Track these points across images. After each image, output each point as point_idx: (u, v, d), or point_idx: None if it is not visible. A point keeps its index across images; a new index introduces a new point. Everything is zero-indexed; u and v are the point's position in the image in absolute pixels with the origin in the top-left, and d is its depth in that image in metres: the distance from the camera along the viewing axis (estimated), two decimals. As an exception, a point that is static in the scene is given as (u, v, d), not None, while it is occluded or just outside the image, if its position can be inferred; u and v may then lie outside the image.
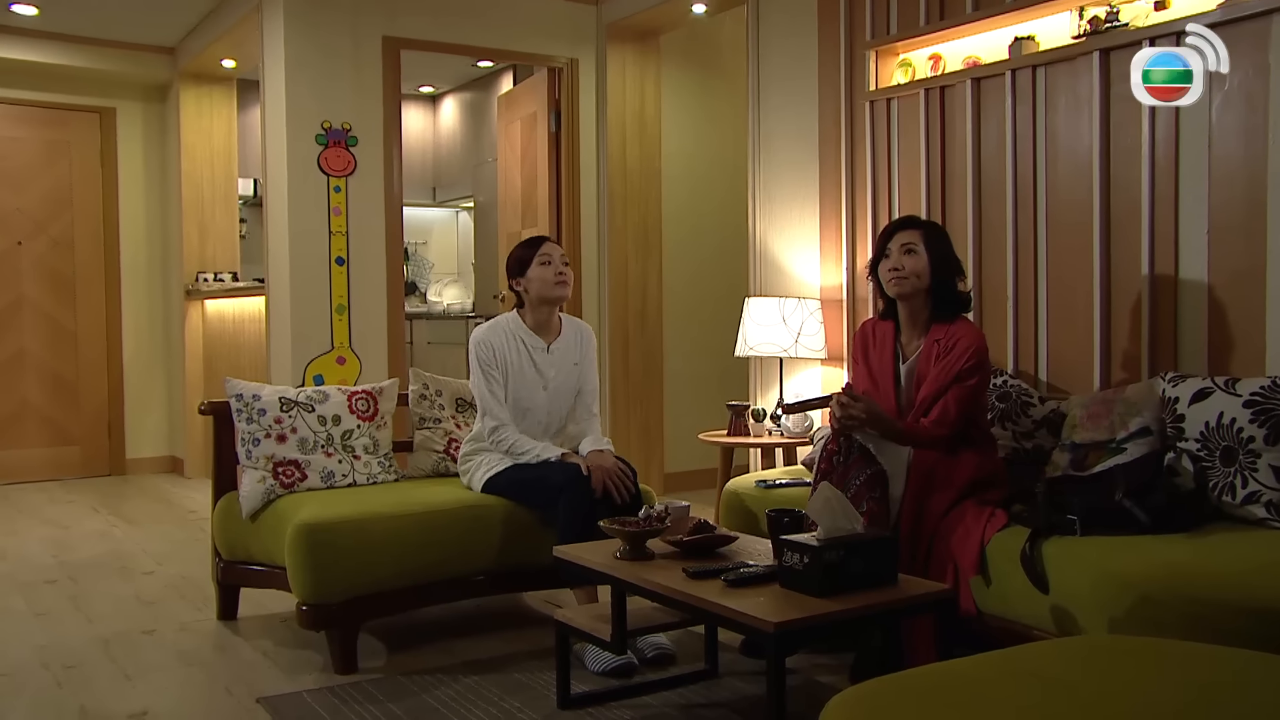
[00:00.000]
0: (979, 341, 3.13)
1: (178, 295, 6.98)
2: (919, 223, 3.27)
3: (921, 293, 3.19)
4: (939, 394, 3.09)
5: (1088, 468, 3.07)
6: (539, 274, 3.65)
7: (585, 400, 3.75)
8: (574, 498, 3.32)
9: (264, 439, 3.59)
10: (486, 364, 3.60)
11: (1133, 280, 3.47)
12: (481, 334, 3.66)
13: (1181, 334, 3.34)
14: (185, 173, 6.84)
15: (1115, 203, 3.51)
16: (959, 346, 3.11)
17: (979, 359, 3.10)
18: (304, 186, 5.31)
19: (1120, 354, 3.51)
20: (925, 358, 3.17)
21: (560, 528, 3.32)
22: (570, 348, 3.74)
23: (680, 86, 6.28)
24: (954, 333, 3.15)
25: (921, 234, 3.21)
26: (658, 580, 2.63)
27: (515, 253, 3.71)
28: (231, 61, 6.64)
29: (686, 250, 6.25)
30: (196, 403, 3.96)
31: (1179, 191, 3.34)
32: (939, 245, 3.20)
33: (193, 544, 4.99)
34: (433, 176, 9.27)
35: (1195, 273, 3.31)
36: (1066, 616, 2.65)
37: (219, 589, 3.78)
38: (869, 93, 4.34)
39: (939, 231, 3.27)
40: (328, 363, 5.38)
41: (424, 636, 3.58)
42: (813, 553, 2.42)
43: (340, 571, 3.20)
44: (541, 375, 3.67)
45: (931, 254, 3.18)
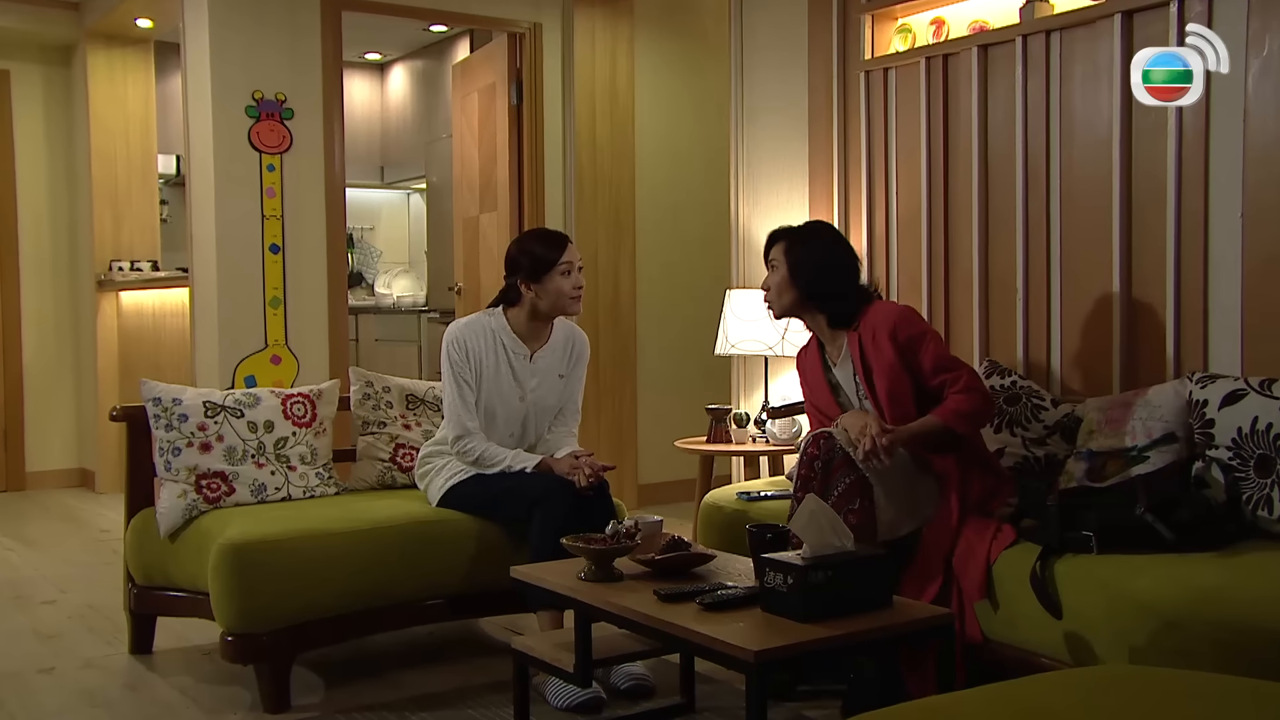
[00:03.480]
0: (895, 316, 3.20)
1: (88, 286, 6.91)
2: (781, 233, 3.38)
3: (799, 305, 3.33)
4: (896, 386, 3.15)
5: (1105, 478, 3.08)
6: (558, 285, 3.53)
7: (566, 419, 3.71)
8: (550, 513, 3.29)
9: (185, 448, 3.55)
10: (459, 367, 3.54)
11: (1157, 269, 3.48)
12: (457, 332, 3.59)
13: (1212, 329, 3.35)
14: (95, 147, 6.76)
15: (1138, 183, 3.53)
16: (880, 335, 3.18)
17: (908, 326, 3.18)
18: (233, 165, 5.27)
19: (1142, 352, 3.52)
20: (855, 355, 3.24)
21: (532, 547, 3.30)
22: (557, 357, 3.67)
23: (656, 55, 6.27)
24: (868, 322, 3.23)
25: (784, 245, 3.34)
26: (625, 604, 2.62)
27: (530, 247, 3.56)
28: (147, 21, 6.56)
29: (663, 237, 6.25)
30: (109, 408, 3.91)
31: (1209, 169, 3.35)
32: (798, 252, 3.31)
33: (103, 568, 4.94)
34: (380, 154, 9.24)
35: (1227, 260, 3.32)
36: (1082, 644, 2.65)
37: (132, 619, 3.73)
38: (864, 62, 4.35)
39: (805, 234, 3.37)
40: (260, 362, 5.34)
41: (367, 669, 3.56)
42: (797, 573, 2.42)
43: (272, 597, 3.17)
44: (520, 385, 3.61)
45: (789, 264, 3.30)
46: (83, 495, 6.88)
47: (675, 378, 6.20)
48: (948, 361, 3.18)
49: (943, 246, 4.07)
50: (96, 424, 6.80)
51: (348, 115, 6.12)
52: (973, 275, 3.95)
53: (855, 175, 4.41)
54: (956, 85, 4.05)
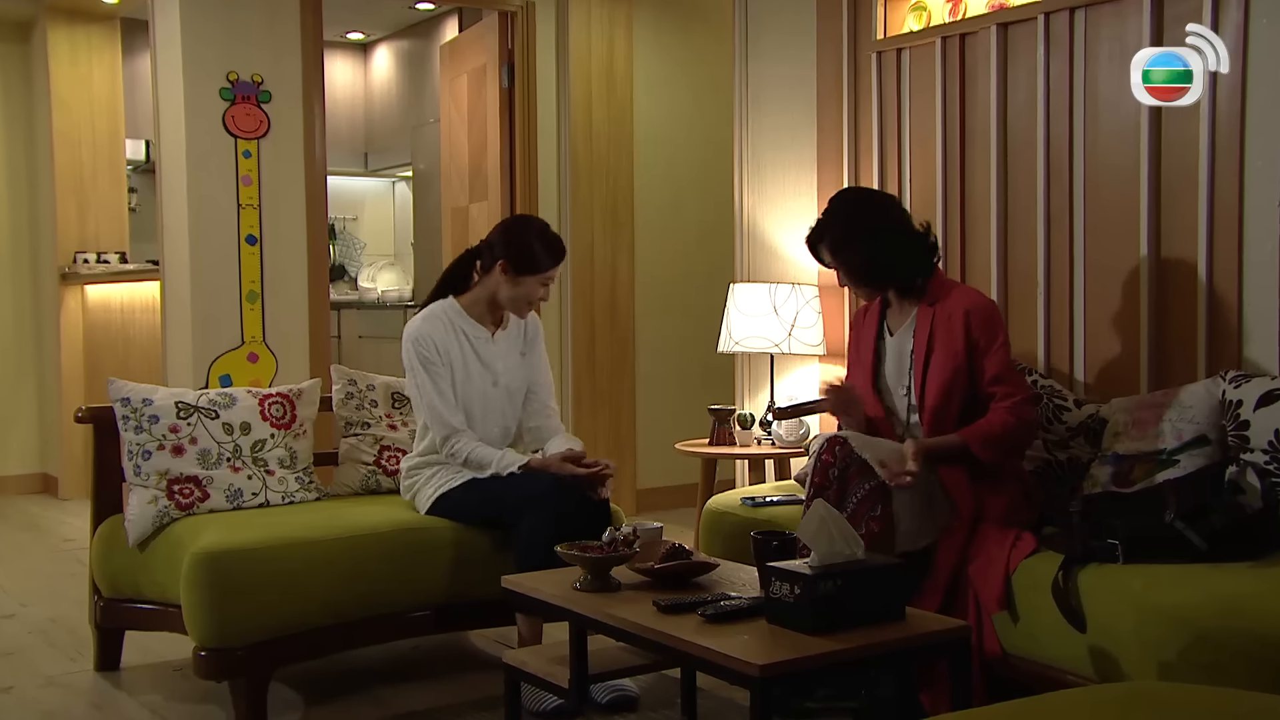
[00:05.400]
0: (980, 308, 3.24)
1: (50, 280, 6.90)
2: (818, 237, 3.39)
3: (876, 290, 3.41)
4: (953, 377, 3.18)
5: (1132, 483, 3.09)
6: (527, 290, 3.61)
7: (540, 396, 3.76)
8: (539, 518, 3.29)
9: (156, 451, 3.56)
10: (429, 360, 3.57)
11: (1188, 262, 3.48)
12: (416, 328, 3.63)
13: (1247, 325, 3.35)
14: (58, 131, 6.74)
15: (1167, 170, 3.53)
16: (955, 319, 3.21)
17: (987, 318, 3.22)
18: (206, 150, 5.26)
19: (1172, 349, 3.52)
20: (922, 331, 3.27)
21: (517, 554, 3.31)
22: (514, 336, 3.74)
23: (655, 35, 6.28)
24: (944, 300, 3.27)
25: (828, 247, 3.36)
26: (623, 615, 2.63)
27: (532, 243, 3.60)
28: (112, -5, 6.56)
29: (663, 229, 6.25)
30: (73, 409, 3.91)
31: (1244, 154, 3.35)
32: (851, 250, 3.32)
33: (66, 579, 4.94)
34: (364, 140, 9.24)
35: (1264, 252, 3.32)
36: (1107, 659, 2.66)
37: (98, 633, 3.73)
38: (876, 42, 4.35)
39: (841, 224, 3.35)
40: (236, 360, 5.34)
41: (349, 685, 3.57)
42: (805, 582, 2.42)
43: (248, 609, 3.17)
44: (489, 369, 3.66)
45: (848, 263, 3.34)
46: (45, 502, 6.87)
47: (676, 377, 6.20)
48: (1011, 374, 3.21)
49: (959, 238, 4.07)
50: (60, 426, 6.79)
51: (329, 98, 6.11)
52: (991, 268, 3.95)
53: (866, 163, 4.41)
54: (974, 67, 4.05)
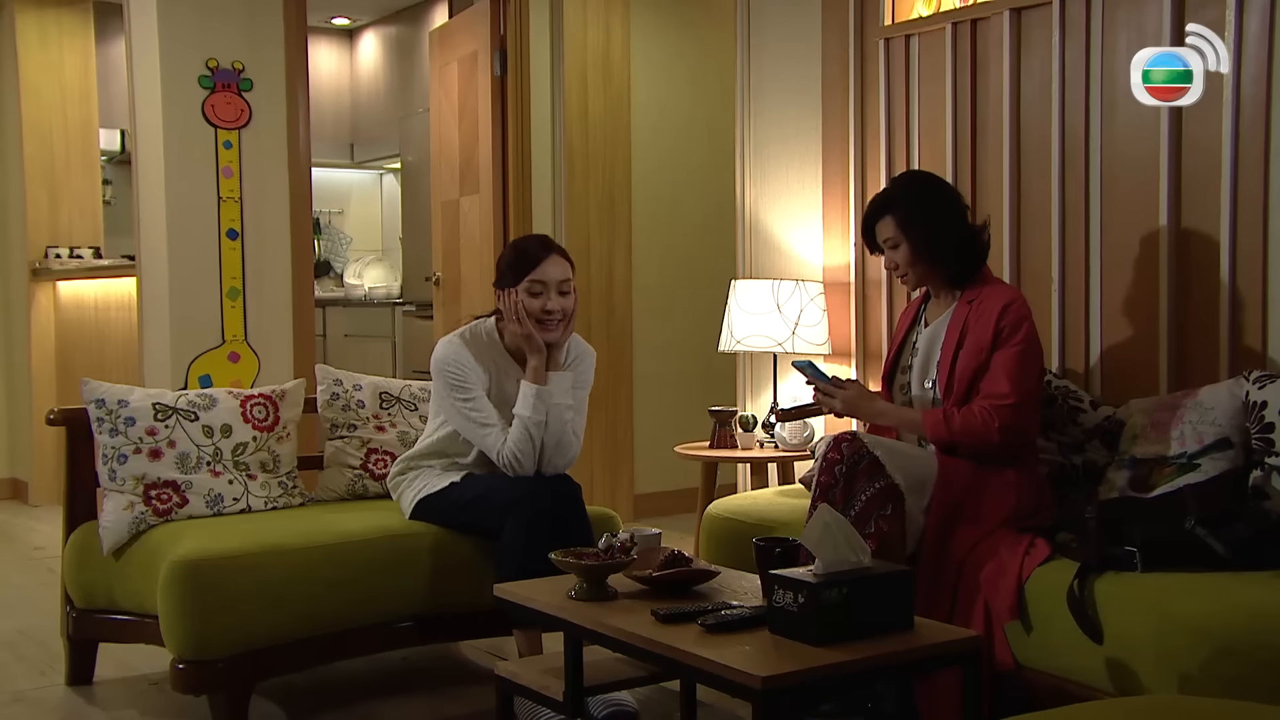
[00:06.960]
0: (1014, 305, 3.26)
1: (20, 276, 6.90)
2: (888, 205, 3.41)
3: (932, 273, 3.40)
4: (976, 370, 3.21)
5: (1151, 488, 3.09)
6: (524, 302, 3.46)
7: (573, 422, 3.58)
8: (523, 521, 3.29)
9: (132, 455, 3.56)
10: (460, 383, 3.48)
11: (1210, 257, 3.49)
12: (445, 353, 3.53)
13: (1271, 323, 3.36)
14: (28, 121, 6.75)
15: (1188, 159, 3.53)
16: (989, 313, 3.24)
17: (1017, 316, 3.23)
18: (185, 141, 5.28)
19: (1193, 348, 3.53)
20: (956, 323, 3.30)
21: (498, 557, 3.31)
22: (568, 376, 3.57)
23: (654, 22, 6.28)
24: (983, 295, 3.30)
25: (895, 220, 3.37)
26: (620, 625, 2.63)
27: (509, 254, 3.54)
28: (85, -21, 6.58)
29: (661, 223, 6.26)
30: (45, 411, 3.91)
31: (1269, 143, 3.35)
32: (918, 225, 3.35)
33: (37, 589, 4.93)
34: (350, 131, 9.25)
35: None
36: (1125, 671, 2.66)
37: (70, 646, 3.73)
38: (883, 29, 4.35)
39: (912, 199, 3.40)
40: (217, 360, 5.35)
41: (334, 698, 3.57)
42: (809, 591, 2.42)
43: (228, 619, 3.17)
44: (505, 404, 3.56)
45: (912, 240, 3.35)
46: (14, 508, 6.86)
47: (675, 377, 6.21)
48: (1012, 377, 3.18)
49: (971, 232, 4.07)
50: (30, 429, 6.79)
51: (313, 87, 6.12)
52: (1003, 263, 3.95)
53: (873, 154, 4.42)
54: (986, 54, 4.05)
